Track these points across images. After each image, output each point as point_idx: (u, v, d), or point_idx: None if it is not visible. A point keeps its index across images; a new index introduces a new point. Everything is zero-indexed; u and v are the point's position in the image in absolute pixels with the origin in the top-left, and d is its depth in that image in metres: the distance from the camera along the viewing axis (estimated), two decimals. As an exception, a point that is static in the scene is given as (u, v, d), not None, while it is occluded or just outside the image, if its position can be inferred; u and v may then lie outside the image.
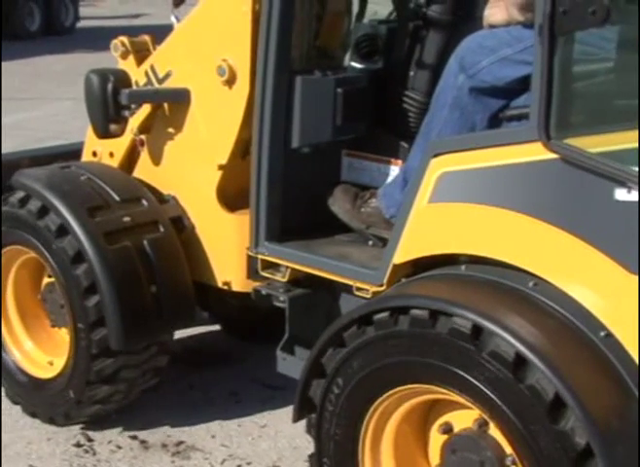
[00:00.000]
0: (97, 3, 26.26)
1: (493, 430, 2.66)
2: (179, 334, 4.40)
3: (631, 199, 2.44)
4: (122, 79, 3.86)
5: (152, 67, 3.84)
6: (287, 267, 3.41)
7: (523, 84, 2.83)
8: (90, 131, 4.04)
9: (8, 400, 4.15)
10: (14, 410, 4.13)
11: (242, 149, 3.59)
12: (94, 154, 4.15)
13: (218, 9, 3.57)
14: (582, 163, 2.50)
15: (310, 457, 3.05)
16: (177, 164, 3.85)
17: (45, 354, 4.13)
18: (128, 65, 3.96)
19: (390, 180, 3.44)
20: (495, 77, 2.98)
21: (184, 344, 4.69)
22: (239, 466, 3.78)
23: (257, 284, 3.53)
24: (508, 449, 2.60)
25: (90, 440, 3.94)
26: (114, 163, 4.04)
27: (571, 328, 2.54)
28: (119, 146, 4.01)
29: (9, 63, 13.98)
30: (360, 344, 2.78)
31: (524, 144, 2.61)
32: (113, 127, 3.89)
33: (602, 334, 2.52)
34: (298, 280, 3.44)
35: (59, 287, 3.75)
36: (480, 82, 3.01)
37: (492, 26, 3.02)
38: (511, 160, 2.67)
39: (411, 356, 2.67)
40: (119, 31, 4.60)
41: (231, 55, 3.50)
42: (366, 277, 3.12)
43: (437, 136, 3.07)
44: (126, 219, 3.69)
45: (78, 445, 3.91)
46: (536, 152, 2.58)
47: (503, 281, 2.70)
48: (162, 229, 3.74)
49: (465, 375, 2.54)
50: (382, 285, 3.04)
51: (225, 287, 3.76)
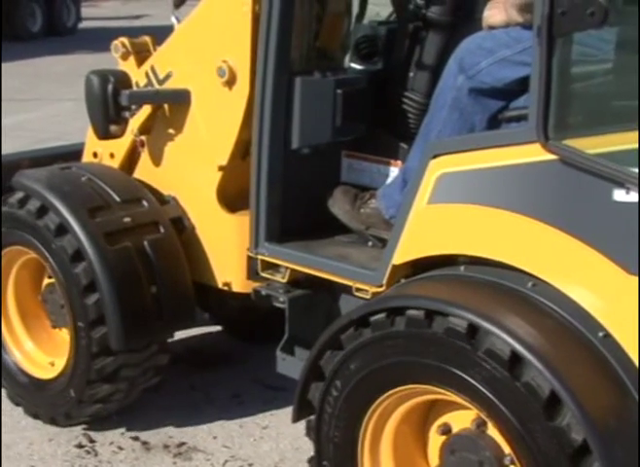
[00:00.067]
0: (99, 4, 26.27)
1: (491, 430, 2.66)
2: (180, 334, 4.39)
3: (630, 200, 2.44)
4: (122, 80, 3.87)
5: (152, 68, 3.85)
6: (287, 267, 3.41)
7: (522, 85, 2.83)
8: (91, 132, 4.04)
9: (10, 401, 4.15)
10: (15, 411, 4.13)
11: (242, 150, 3.60)
12: (95, 155, 4.16)
13: (218, 10, 3.58)
14: (580, 164, 2.51)
15: (310, 460, 3.05)
16: (177, 165, 3.85)
17: (46, 355, 4.13)
18: (129, 66, 3.96)
19: (390, 181, 3.45)
20: (494, 78, 2.99)
21: (185, 345, 4.69)
22: (241, 467, 3.79)
23: (257, 285, 3.53)
24: (506, 449, 2.60)
25: (92, 441, 3.94)
26: (114, 164, 4.05)
27: (569, 328, 2.54)
28: (119, 147, 4.02)
29: (10, 64, 13.98)
30: (357, 346, 2.78)
31: (523, 145, 2.61)
32: (113, 128, 3.90)
33: (601, 334, 2.52)
34: (297, 281, 3.44)
35: (59, 286, 3.76)
36: (480, 83, 3.01)
37: (491, 27, 3.03)
38: (509, 161, 2.67)
39: (408, 357, 2.67)
40: (120, 32, 4.60)
41: (232, 56, 3.50)
42: (365, 278, 3.12)
43: (436, 137, 3.08)
44: (127, 219, 3.69)
45: (79, 446, 3.91)
46: (535, 153, 2.58)
47: (502, 282, 2.71)
48: (163, 229, 3.75)
49: (462, 374, 2.54)
50: (382, 286, 3.04)
51: (225, 288, 3.77)
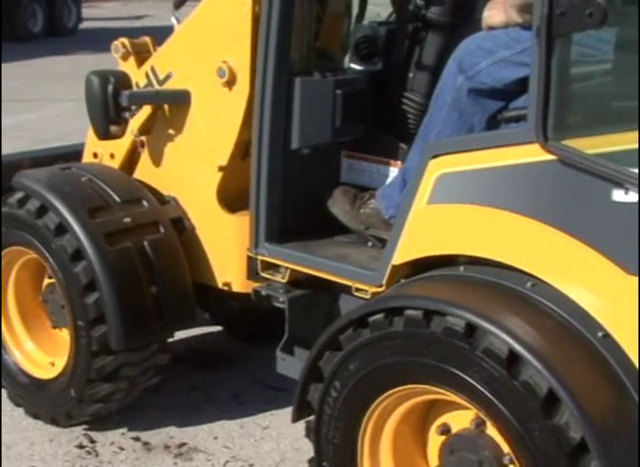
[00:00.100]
0: (100, 4, 26.27)
1: (490, 429, 2.66)
2: (181, 335, 4.39)
3: (628, 200, 2.45)
4: (122, 80, 3.87)
5: (152, 69, 3.85)
6: (287, 267, 3.41)
7: (522, 85, 2.83)
8: (91, 133, 4.05)
9: (10, 402, 4.15)
10: (16, 411, 4.13)
11: (242, 150, 3.60)
12: (95, 155, 4.16)
13: (218, 10, 3.58)
14: (579, 165, 2.51)
15: (310, 461, 3.05)
16: (177, 166, 3.86)
17: (46, 355, 4.13)
18: (129, 67, 3.96)
19: (389, 181, 3.45)
20: (494, 78, 2.99)
21: (186, 345, 4.69)
22: (241, 467, 3.79)
23: (257, 285, 3.53)
24: (505, 448, 2.60)
25: (93, 441, 3.94)
26: (114, 165, 4.05)
27: (568, 328, 2.54)
28: (119, 147, 4.02)
29: (11, 65, 13.99)
30: (356, 347, 2.78)
31: (522, 145, 2.62)
32: (113, 129, 3.90)
33: (600, 334, 2.53)
34: (297, 281, 3.44)
35: (59, 286, 3.76)
36: (479, 83, 3.02)
37: (491, 28, 3.03)
38: (509, 161, 2.67)
39: (407, 357, 2.68)
40: (121, 32, 4.59)
41: (232, 57, 3.50)
42: (365, 278, 3.12)
43: (435, 137, 3.08)
44: (127, 220, 3.70)
45: (80, 446, 3.91)
46: (534, 153, 2.58)
47: (501, 282, 2.71)
48: (163, 230, 3.75)
49: (460, 373, 2.54)
50: (381, 286, 3.05)
51: (225, 288, 3.77)
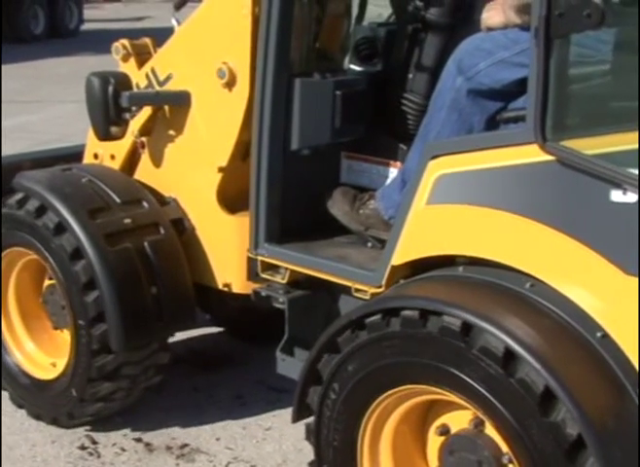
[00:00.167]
0: (101, 5, 26.29)
1: (489, 429, 2.67)
2: (182, 336, 4.40)
3: (627, 201, 2.45)
4: (122, 81, 3.87)
5: (152, 70, 3.85)
6: (286, 268, 3.42)
7: (521, 86, 2.83)
8: (92, 134, 4.04)
9: (12, 403, 4.14)
10: (18, 413, 4.12)
11: (242, 151, 3.60)
12: (96, 156, 4.16)
13: (218, 12, 3.59)
14: (578, 165, 2.51)
15: (311, 464, 3.05)
16: (178, 167, 3.86)
17: (47, 356, 4.13)
18: (129, 68, 3.97)
19: (389, 182, 3.45)
20: (493, 79, 3.00)
21: (188, 346, 4.69)
22: (243, 469, 3.79)
23: (257, 286, 3.54)
24: (504, 448, 2.61)
25: (95, 442, 3.94)
26: (115, 166, 4.05)
27: (566, 328, 2.55)
28: (120, 148, 4.02)
29: (13, 66, 14.01)
30: (354, 348, 2.79)
31: (521, 146, 2.62)
32: (114, 130, 3.90)
33: (599, 334, 2.53)
34: (297, 282, 3.45)
35: (59, 285, 3.76)
36: (478, 84, 3.02)
37: (490, 29, 3.03)
38: (507, 161, 2.67)
39: (405, 357, 2.68)
40: (122, 34, 4.61)
41: (231, 58, 3.51)
42: (364, 279, 3.12)
43: (435, 138, 3.09)
44: (127, 221, 3.70)
45: (82, 447, 3.90)
46: (532, 154, 2.58)
47: (500, 282, 2.71)
48: (163, 230, 3.76)
49: (457, 373, 2.55)
50: (381, 286, 3.05)
51: (225, 289, 3.77)
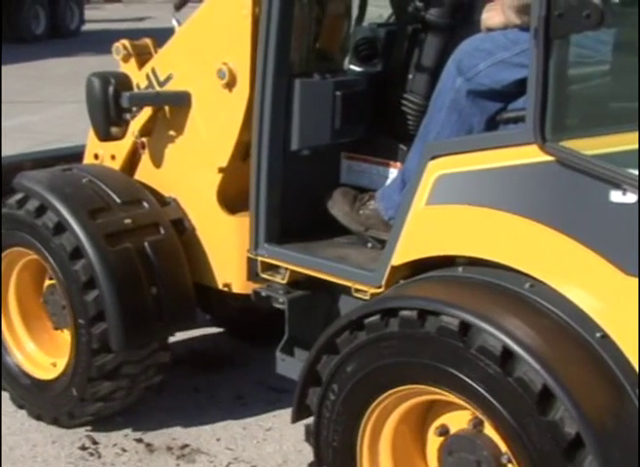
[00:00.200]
0: (102, 6, 26.30)
1: (488, 429, 2.67)
2: (183, 336, 4.41)
3: (626, 201, 2.45)
4: (123, 82, 3.88)
5: (153, 70, 3.86)
6: (286, 268, 3.42)
7: (520, 86, 2.83)
8: (92, 134, 4.05)
9: (13, 404, 4.14)
10: (19, 413, 4.13)
11: (242, 151, 3.60)
12: (96, 156, 4.17)
13: (218, 12, 3.59)
14: (577, 166, 2.51)
15: (311, 465, 3.05)
16: (178, 167, 3.86)
17: (48, 356, 4.14)
18: (130, 68, 3.97)
19: (389, 182, 3.46)
20: (492, 80, 3.00)
21: (188, 347, 4.69)
22: (244, 469, 3.79)
23: (257, 286, 3.54)
24: (503, 448, 2.61)
25: (96, 443, 3.94)
26: (115, 166, 4.06)
27: (566, 328, 2.55)
28: (120, 149, 4.03)
29: (14, 66, 14.03)
30: (353, 349, 2.79)
31: (520, 146, 2.62)
32: (114, 130, 3.90)
33: (598, 335, 2.53)
34: (297, 282, 3.45)
35: (59, 285, 3.77)
36: (478, 85, 3.02)
37: (489, 30, 3.04)
38: (507, 162, 2.68)
39: (403, 357, 2.68)
40: (123, 34, 4.60)
41: (232, 59, 3.51)
42: (364, 279, 3.12)
43: (435, 139, 3.09)
44: (127, 221, 3.70)
45: (83, 447, 3.90)
46: (532, 154, 2.59)
47: (499, 283, 2.71)
48: (163, 231, 3.76)
49: (456, 372, 2.55)
50: (381, 287, 3.05)
51: (225, 289, 3.78)
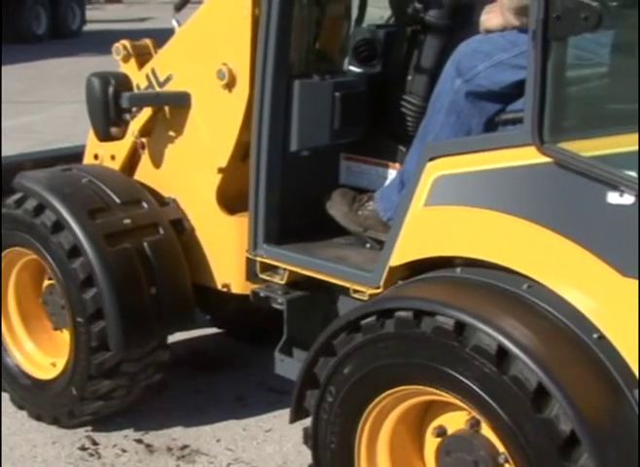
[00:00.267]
0: (104, 6, 26.32)
1: (485, 429, 2.67)
2: (184, 337, 4.42)
3: (624, 203, 2.46)
4: (123, 82, 3.89)
5: (153, 71, 3.86)
6: (285, 269, 3.42)
7: (519, 88, 2.82)
8: (92, 134, 4.05)
9: (13, 404, 4.15)
10: (19, 413, 4.13)
11: (242, 152, 3.61)
12: (96, 157, 4.17)
13: (218, 13, 3.60)
14: (575, 167, 2.52)
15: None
16: (177, 167, 3.87)
17: (47, 356, 4.14)
18: (130, 69, 3.98)
19: (388, 183, 3.46)
20: (491, 81, 3.01)
21: (189, 348, 4.69)
22: (244, 470, 3.78)
23: (255, 286, 3.55)
24: (500, 448, 2.61)
25: (96, 443, 3.93)
26: (115, 166, 4.06)
27: (562, 329, 2.55)
28: (120, 149, 4.03)
29: (15, 66, 14.04)
30: (349, 350, 2.80)
31: (518, 148, 2.63)
32: (114, 131, 3.91)
33: (595, 336, 2.53)
34: (296, 282, 3.45)
35: (57, 283, 3.77)
36: (477, 86, 3.03)
37: (488, 31, 3.05)
38: (505, 163, 2.68)
39: (399, 358, 2.69)
40: (124, 35, 4.61)
41: (231, 59, 3.52)
42: (362, 280, 3.13)
43: (433, 140, 3.09)
44: (127, 221, 3.71)
45: (83, 448, 3.90)
46: (530, 155, 2.59)
47: (497, 283, 2.71)
48: (162, 231, 3.76)
49: (452, 372, 2.56)
50: (379, 287, 3.06)
51: (224, 289, 3.78)
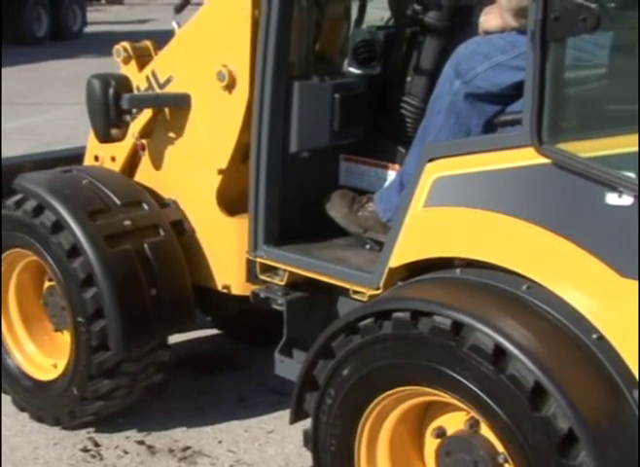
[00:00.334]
0: (105, 8, 26.32)
1: (484, 430, 2.68)
2: (184, 338, 4.42)
3: (622, 204, 2.47)
4: (123, 84, 3.89)
5: (153, 72, 3.87)
6: (285, 270, 3.43)
7: (518, 89, 2.82)
8: (92, 136, 4.05)
9: (15, 406, 4.15)
10: (21, 415, 4.12)
11: (242, 153, 3.61)
12: (96, 158, 4.18)
13: (218, 14, 3.60)
14: (573, 168, 2.52)
15: None
16: (178, 169, 3.87)
17: (48, 357, 4.14)
18: (130, 70, 3.98)
19: (387, 184, 3.47)
20: (490, 83, 3.01)
21: (190, 349, 4.69)
22: (246, 471, 3.78)
23: (256, 287, 3.55)
24: (499, 447, 2.62)
25: (97, 445, 3.93)
26: (115, 168, 4.07)
27: (561, 329, 2.56)
28: (120, 150, 4.04)
29: (16, 68, 14.03)
30: (348, 352, 2.81)
31: (517, 149, 2.64)
32: (114, 132, 3.91)
33: (594, 336, 2.54)
34: (296, 283, 3.46)
35: (57, 284, 3.77)
36: (476, 88, 3.03)
37: (487, 33, 3.05)
38: (504, 164, 2.69)
39: (398, 359, 2.69)
40: (126, 36, 4.62)
41: (231, 61, 3.52)
42: (362, 281, 3.13)
43: (433, 141, 3.10)
44: (127, 223, 3.71)
45: (85, 450, 3.89)
46: (529, 157, 2.60)
47: (496, 284, 2.72)
48: (163, 232, 3.77)
49: (449, 372, 2.56)
50: (379, 288, 3.06)
51: (224, 290, 3.78)
